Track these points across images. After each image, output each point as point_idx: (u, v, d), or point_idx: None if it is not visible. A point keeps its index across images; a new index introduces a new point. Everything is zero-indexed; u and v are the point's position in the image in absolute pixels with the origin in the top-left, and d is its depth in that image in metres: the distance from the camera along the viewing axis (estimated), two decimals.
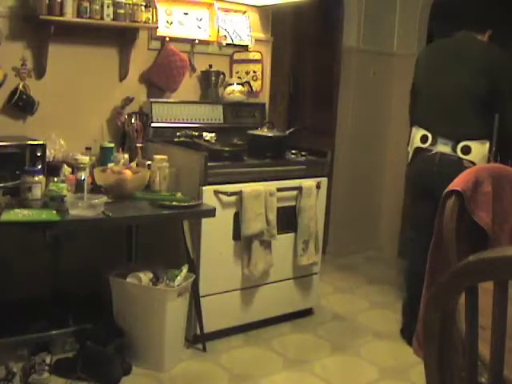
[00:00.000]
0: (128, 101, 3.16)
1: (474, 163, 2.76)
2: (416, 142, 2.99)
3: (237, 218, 2.94)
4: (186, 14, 3.40)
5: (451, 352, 1.16)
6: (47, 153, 2.71)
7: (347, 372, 2.83)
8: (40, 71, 2.92)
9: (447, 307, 1.09)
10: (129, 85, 3.21)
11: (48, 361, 2.46)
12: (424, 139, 2.93)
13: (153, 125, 3.19)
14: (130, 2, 2.96)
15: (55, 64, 2.94)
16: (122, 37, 3.13)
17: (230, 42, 3.53)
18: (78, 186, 2.58)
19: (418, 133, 2.98)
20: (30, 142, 2.64)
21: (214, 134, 3.29)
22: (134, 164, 2.97)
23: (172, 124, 3.27)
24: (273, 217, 3.01)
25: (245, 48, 3.61)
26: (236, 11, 3.57)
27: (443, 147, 2.87)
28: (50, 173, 2.61)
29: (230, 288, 3.01)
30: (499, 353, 1.02)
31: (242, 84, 3.54)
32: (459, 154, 2.83)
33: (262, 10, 3.69)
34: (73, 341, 2.69)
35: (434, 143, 2.90)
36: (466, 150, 2.82)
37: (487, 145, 2.84)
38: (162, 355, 2.67)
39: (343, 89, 4.46)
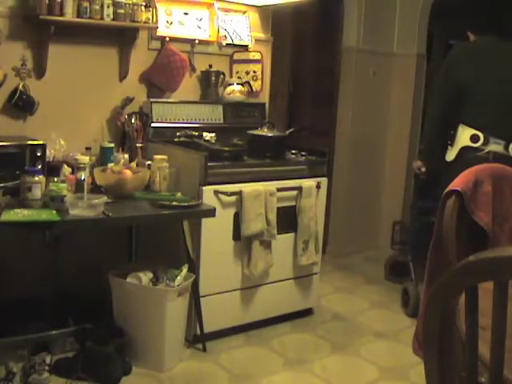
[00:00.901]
0: (128, 101, 3.16)
1: None
2: (464, 141, 2.98)
3: (237, 218, 2.94)
4: (186, 14, 3.40)
5: (451, 352, 1.16)
6: (47, 153, 2.71)
7: (347, 372, 2.83)
8: (40, 71, 2.91)
9: (447, 307, 1.09)
10: (129, 85, 3.21)
11: (48, 361, 2.46)
12: (475, 139, 2.94)
13: (153, 125, 3.19)
14: (130, 2, 2.96)
15: (55, 64, 2.94)
16: (121, 37, 3.13)
17: (230, 42, 3.53)
18: (78, 186, 2.58)
19: (465, 132, 2.98)
20: (30, 142, 2.64)
21: (213, 134, 3.29)
22: (133, 164, 2.97)
23: (172, 124, 3.27)
24: (273, 217, 3.01)
25: (245, 48, 3.61)
26: (236, 11, 3.57)
27: (496, 146, 2.90)
28: (50, 173, 2.61)
29: (230, 288, 3.01)
30: (499, 353, 1.02)
31: (242, 84, 3.54)
32: (511, 152, 2.89)
33: (262, 9, 3.69)
34: (73, 341, 2.69)
35: (486, 143, 2.91)
36: None
37: None
38: (162, 355, 2.67)
39: (343, 89, 4.46)
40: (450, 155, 3.04)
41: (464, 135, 2.99)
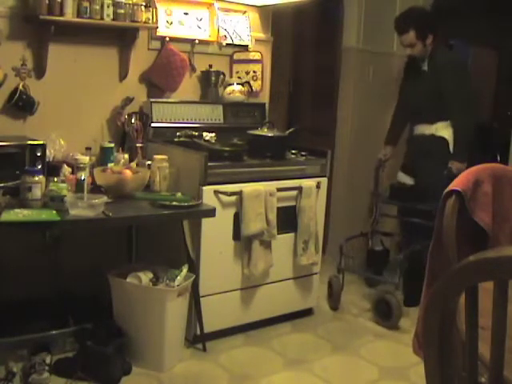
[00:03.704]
0: (128, 101, 3.16)
1: None
2: None
3: (237, 218, 2.94)
4: (186, 13, 3.40)
5: (451, 352, 1.16)
6: (47, 153, 2.71)
7: (347, 372, 2.83)
8: (40, 71, 2.92)
9: (447, 307, 1.09)
10: (129, 85, 3.21)
11: (48, 361, 2.47)
12: None
13: (153, 125, 3.19)
14: (130, 2, 2.96)
15: (55, 64, 2.94)
16: (121, 37, 3.13)
17: (229, 42, 3.53)
18: (78, 186, 2.58)
19: None
20: (30, 142, 2.64)
21: (213, 134, 3.29)
22: (133, 164, 2.97)
23: (172, 124, 3.27)
24: (273, 217, 3.01)
25: (245, 48, 3.61)
26: (236, 11, 3.57)
27: None
28: (50, 173, 2.61)
29: (230, 288, 3.01)
30: (499, 353, 1.02)
31: (242, 84, 3.54)
32: None
33: (262, 9, 3.69)
34: (73, 341, 2.69)
35: None
36: None
37: None
38: (162, 355, 2.67)
39: (343, 89, 4.45)
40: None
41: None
